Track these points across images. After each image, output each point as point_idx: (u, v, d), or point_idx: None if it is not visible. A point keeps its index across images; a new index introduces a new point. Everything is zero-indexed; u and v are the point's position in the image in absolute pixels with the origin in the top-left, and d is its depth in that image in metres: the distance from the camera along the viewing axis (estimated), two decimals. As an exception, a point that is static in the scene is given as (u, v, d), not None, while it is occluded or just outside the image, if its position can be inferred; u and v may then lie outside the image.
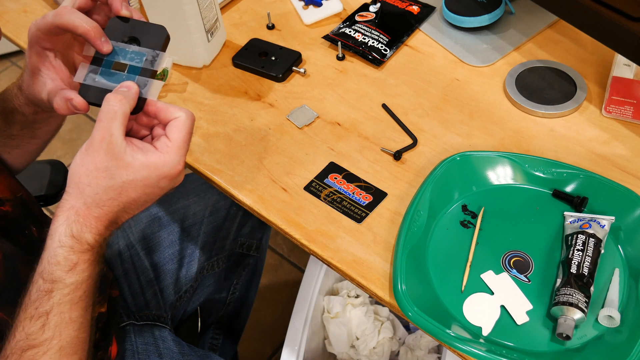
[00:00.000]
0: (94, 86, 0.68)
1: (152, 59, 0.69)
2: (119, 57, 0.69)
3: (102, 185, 0.63)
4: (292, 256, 1.84)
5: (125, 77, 0.68)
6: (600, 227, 0.77)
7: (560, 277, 0.75)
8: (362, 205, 0.85)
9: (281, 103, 0.98)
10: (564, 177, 0.83)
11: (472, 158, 0.85)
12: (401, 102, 0.97)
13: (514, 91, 0.95)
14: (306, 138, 0.93)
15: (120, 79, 0.68)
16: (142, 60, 0.69)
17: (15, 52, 2.51)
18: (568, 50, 1.01)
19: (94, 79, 0.69)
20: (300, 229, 0.83)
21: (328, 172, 0.89)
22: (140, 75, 0.68)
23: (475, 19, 1.02)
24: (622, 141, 0.89)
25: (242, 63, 1.03)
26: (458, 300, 0.75)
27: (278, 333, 0.94)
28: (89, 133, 0.94)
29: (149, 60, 0.69)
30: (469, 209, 0.83)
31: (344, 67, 1.03)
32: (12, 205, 0.79)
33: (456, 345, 0.69)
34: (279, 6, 1.14)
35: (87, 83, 0.68)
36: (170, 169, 0.65)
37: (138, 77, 0.68)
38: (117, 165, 0.63)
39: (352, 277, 0.78)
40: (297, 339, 1.04)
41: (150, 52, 0.69)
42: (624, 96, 0.89)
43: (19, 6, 1.17)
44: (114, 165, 0.63)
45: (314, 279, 1.12)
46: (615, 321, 0.71)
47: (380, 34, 1.05)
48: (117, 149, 0.63)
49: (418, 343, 1.20)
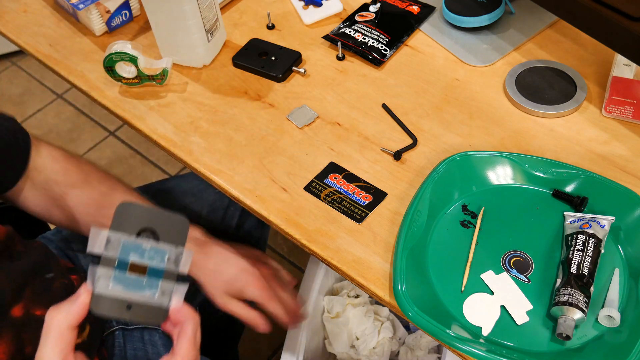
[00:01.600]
0: (108, 297, 0.55)
1: (175, 258, 0.56)
2: (135, 256, 0.55)
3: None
4: (292, 256, 1.84)
5: (146, 283, 0.55)
6: (600, 227, 0.77)
7: (560, 277, 0.75)
8: (362, 205, 0.85)
9: (281, 103, 0.98)
10: (564, 177, 0.83)
11: (472, 158, 0.85)
12: (401, 102, 0.97)
13: (514, 91, 0.95)
14: (306, 138, 0.93)
15: (140, 286, 0.55)
16: (164, 260, 0.55)
17: (15, 52, 2.51)
18: (568, 50, 1.01)
19: (108, 286, 0.55)
20: (300, 229, 0.83)
21: (328, 172, 0.89)
22: (164, 280, 0.55)
23: (475, 19, 1.02)
24: (622, 141, 0.89)
25: (242, 63, 1.03)
26: (458, 300, 0.75)
27: (278, 333, 0.94)
28: (90, 133, 0.94)
29: (172, 259, 0.56)
30: (469, 209, 0.83)
31: (344, 67, 1.03)
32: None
33: (456, 345, 0.69)
34: (279, 6, 1.14)
35: (99, 292, 0.54)
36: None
37: (162, 281, 0.55)
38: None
39: (352, 277, 0.78)
40: (297, 339, 1.04)
41: (172, 249, 0.56)
42: (624, 96, 0.89)
43: (19, 6, 1.17)
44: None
45: (314, 279, 1.11)
46: (615, 321, 0.71)
47: (380, 34, 1.05)
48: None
49: (418, 343, 1.20)
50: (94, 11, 1.08)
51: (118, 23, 1.12)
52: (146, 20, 1.13)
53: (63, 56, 1.09)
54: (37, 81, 2.43)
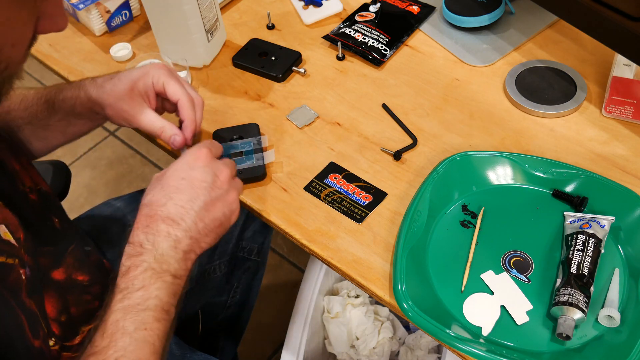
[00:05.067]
0: None
1: (257, 142, 0.90)
2: (235, 149, 0.90)
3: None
4: (292, 256, 1.84)
5: (245, 158, 0.89)
6: (600, 227, 0.77)
7: (560, 277, 0.75)
8: (362, 205, 0.85)
9: (281, 103, 0.98)
10: (564, 177, 0.83)
11: (472, 158, 0.85)
12: (401, 102, 0.97)
13: (514, 91, 0.95)
14: (306, 138, 0.93)
15: (242, 161, 0.88)
16: (251, 145, 0.90)
17: (15, 52, 2.51)
18: (568, 50, 1.01)
19: None
20: (300, 229, 0.83)
21: (328, 172, 0.89)
22: (255, 153, 0.89)
23: (475, 19, 1.02)
24: (622, 141, 0.89)
25: (242, 63, 1.03)
26: (458, 300, 0.75)
27: (278, 333, 0.94)
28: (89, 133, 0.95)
29: (256, 143, 0.90)
30: (469, 209, 0.83)
31: (344, 67, 1.03)
32: (38, 195, 0.80)
33: (456, 345, 0.69)
34: (279, 6, 1.14)
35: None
36: (188, 155, 0.75)
37: (254, 154, 0.89)
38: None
39: (352, 277, 0.78)
40: (297, 339, 1.04)
41: (253, 139, 0.91)
42: (624, 96, 0.89)
43: (19, 6, 1.17)
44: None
45: (314, 279, 1.12)
46: (615, 321, 0.71)
47: (380, 34, 1.05)
48: None
49: (418, 343, 1.20)
50: (93, 11, 1.08)
51: (118, 23, 1.12)
52: (146, 20, 1.13)
53: (63, 56, 1.09)
54: (37, 81, 2.42)
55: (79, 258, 0.80)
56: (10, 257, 0.63)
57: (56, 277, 0.75)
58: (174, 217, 0.70)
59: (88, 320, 0.76)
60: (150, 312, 0.65)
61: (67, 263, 0.78)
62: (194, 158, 0.75)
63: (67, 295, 0.75)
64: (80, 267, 0.80)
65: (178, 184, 0.73)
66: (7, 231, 0.65)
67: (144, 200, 0.73)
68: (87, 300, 0.79)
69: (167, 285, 0.67)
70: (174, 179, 0.73)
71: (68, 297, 0.75)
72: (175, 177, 0.73)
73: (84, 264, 0.81)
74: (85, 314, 0.77)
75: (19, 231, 0.68)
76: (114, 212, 1.08)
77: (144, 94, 0.83)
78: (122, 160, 2.14)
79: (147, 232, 0.69)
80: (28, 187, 0.78)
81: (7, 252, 0.63)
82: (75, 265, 0.79)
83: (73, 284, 0.78)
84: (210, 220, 0.72)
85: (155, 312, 0.65)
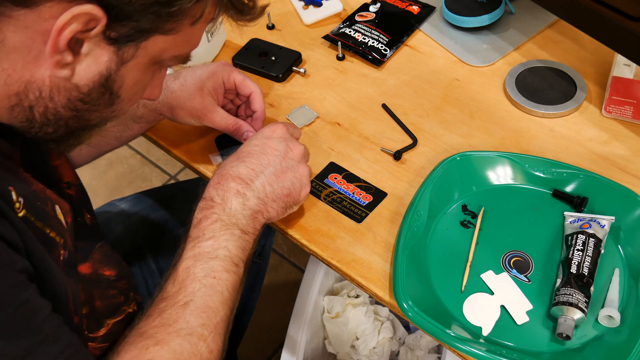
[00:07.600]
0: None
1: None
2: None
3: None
4: (292, 256, 1.84)
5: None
6: (600, 227, 0.77)
7: (560, 277, 0.75)
8: (362, 205, 0.85)
9: (281, 103, 0.98)
10: (564, 177, 0.83)
11: (472, 158, 0.85)
12: (401, 102, 0.97)
13: (514, 91, 0.95)
14: (306, 138, 0.93)
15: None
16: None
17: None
18: (568, 50, 1.01)
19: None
20: (300, 229, 0.83)
21: (328, 172, 0.89)
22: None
23: (475, 19, 1.02)
24: (622, 141, 0.89)
25: (242, 63, 1.03)
26: (458, 300, 0.75)
27: (278, 333, 0.94)
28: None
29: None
30: (469, 209, 0.83)
31: (344, 67, 1.03)
32: (75, 190, 0.81)
33: (456, 345, 0.69)
34: (279, 6, 1.14)
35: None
36: (266, 128, 0.80)
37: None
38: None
39: (352, 277, 0.78)
40: (297, 339, 1.04)
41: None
42: (624, 96, 0.89)
43: (19, 6, 1.17)
44: None
45: (314, 279, 1.11)
46: (615, 321, 0.71)
47: (380, 34, 1.05)
48: None
49: (418, 343, 1.20)
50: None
51: (118, 23, 1.12)
52: (146, 20, 1.13)
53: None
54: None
55: (107, 254, 0.82)
56: (58, 235, 0.65)
57: (82, 271, 0.76)
58: (244, 177, 0.75)
59: (113, 314, 0.78)
60: (219, 262, 0.69)
61: (94, 258, 0.79)
62: (271, 131, 0.80)
63: (93, 289, 0.76)
64: (108, 262, 0.81)
65: (251, 149, 0.77)
66: (61, 212, 0.68)
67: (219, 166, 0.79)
68: (113, 295, 0.80)
69: (235, 238, 0.71)
70: (248, 145, 0.79)
71: (93, 291, 0.76)
72: (250, 144, 0.79)
73: (111, 260, 0.82)
74: (110, 308, 0.78)
75: (69, 216, 0.70)
76: (118, 213, 1.08)
77: (213, 92, 0.87)
78: (122, 160, 2.14)
79: (218, 189, 0.74)
80: (66, 182, 0.79)
81: (57, 230, 0.65)
82: (102, 261, 0.80)
83: (99, 278, 0.79)
84: (279, 187, 0.76)
85: (224, 262, 0.69)
